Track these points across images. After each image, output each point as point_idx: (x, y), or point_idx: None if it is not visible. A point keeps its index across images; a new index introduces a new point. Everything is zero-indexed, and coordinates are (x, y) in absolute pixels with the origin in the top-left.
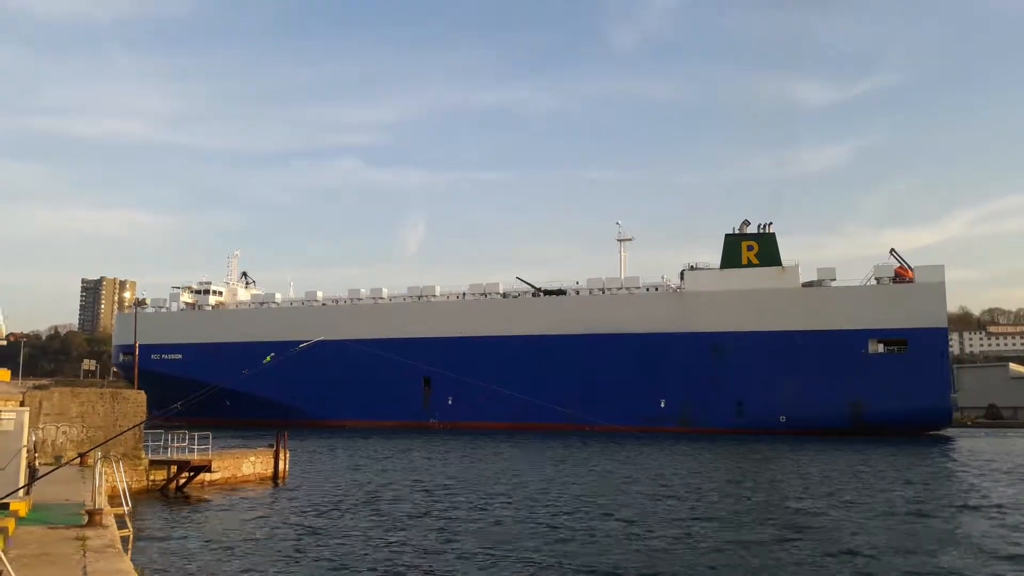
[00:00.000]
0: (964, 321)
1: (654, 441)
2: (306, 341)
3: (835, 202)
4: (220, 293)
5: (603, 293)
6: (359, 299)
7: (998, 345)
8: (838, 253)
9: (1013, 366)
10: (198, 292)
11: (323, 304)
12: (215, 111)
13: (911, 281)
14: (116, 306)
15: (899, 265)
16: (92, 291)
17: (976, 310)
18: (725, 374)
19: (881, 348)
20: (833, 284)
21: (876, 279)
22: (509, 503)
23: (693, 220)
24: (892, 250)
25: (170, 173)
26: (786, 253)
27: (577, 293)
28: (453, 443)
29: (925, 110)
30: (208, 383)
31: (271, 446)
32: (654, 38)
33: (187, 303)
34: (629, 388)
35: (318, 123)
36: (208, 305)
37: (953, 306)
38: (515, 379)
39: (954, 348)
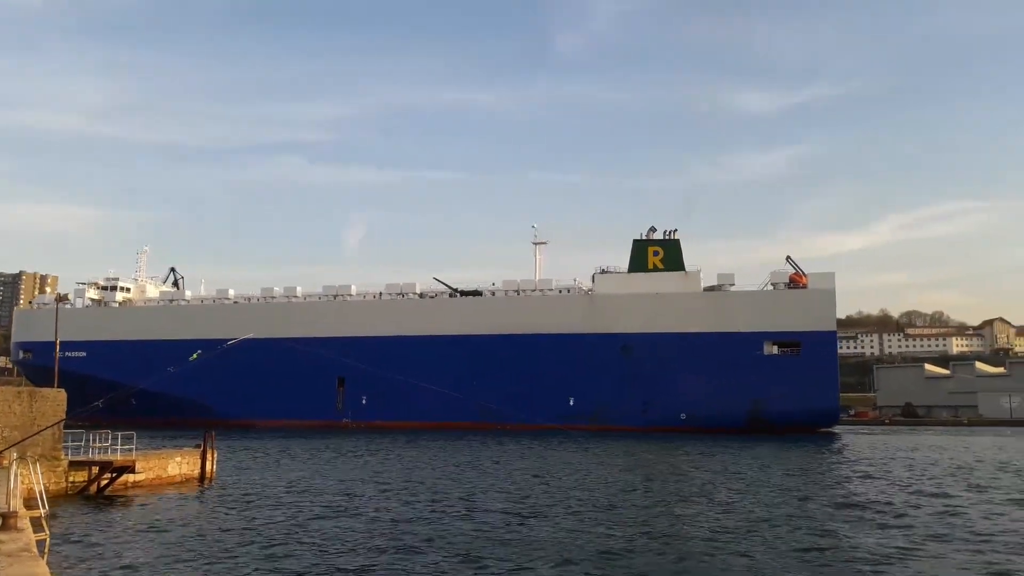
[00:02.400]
0: (884, 323)
1: (542, 438)
2: (224, 339)
3: (770, 207)
4: (128, 290)
5: (518, 294)
6: (272, 298)
7: (915, 346)
8: (771, 256)
9: (928, 367)
10: (104, 288)
11: (235, 302)
12: (153, 104)
13: (805, 287)
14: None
15: (794, 272)
16: (10, 286)
17: (896, 313)
18: (632, 374)
19: (776, 350)
20: (732, 289)
21: (772, 284)
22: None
23: (626, 223)
24: (788, 257)
25: (105, 167)
26: (720, 257)
27: (493, 294)
28: (366, 443)
29: (858, 120)
30: (112, 381)
31: (198, 446)
32: (599, 44)
33: (93, 299)
34: (542, 387)
35: (261, 119)
36: (115, 302)
37: (875, 309)
38: (430, 379)
39: (875, 349)
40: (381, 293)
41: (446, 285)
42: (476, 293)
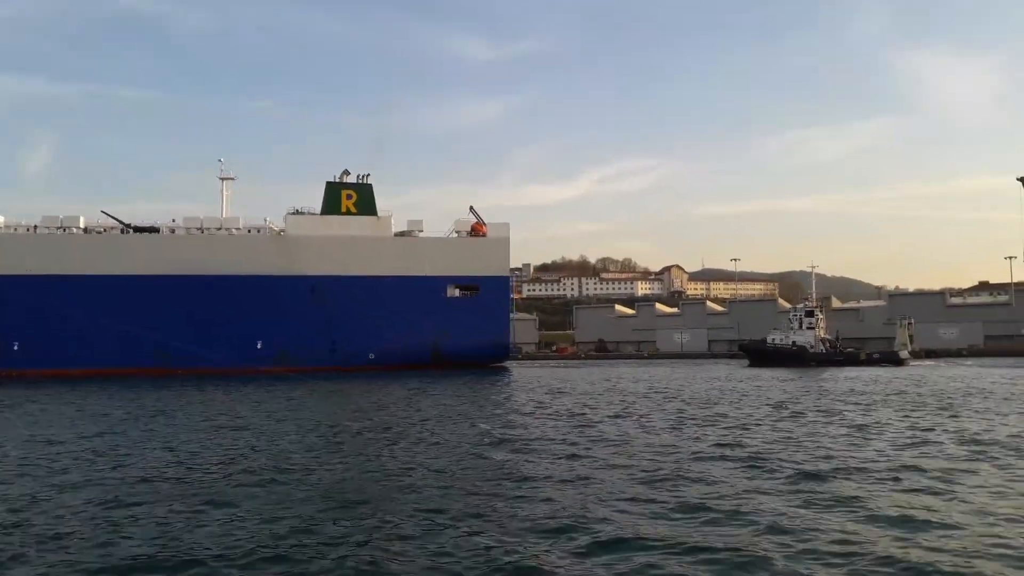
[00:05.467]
0: (583, 268)
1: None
2: None
3: (491, 155)
4: None
5: (201, 232)
6: None
7: (608, 289)
8: (489, 203)
9: (618, 307)
10: None
11: None
12: None
13: (484, 235)
14: None
15: (476, 221)
16: None
17: (593, 258)
18: (322, 316)
19: (457, 293)
20: (420, 235)
21: (456, 232)
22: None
23: (336, 162)
24: (471, 207)
25: None
26: (442, 202)
27: (173, 231)
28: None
29: (565, 78)
30: None
31: None
32: None
33: None
34: (227, 330)
35: None
36: None
37: (575, 254)
38: (99, 323)
39: (575, 292)
40: (36, 227)
41: (117, 220)
42: (153, 230)
